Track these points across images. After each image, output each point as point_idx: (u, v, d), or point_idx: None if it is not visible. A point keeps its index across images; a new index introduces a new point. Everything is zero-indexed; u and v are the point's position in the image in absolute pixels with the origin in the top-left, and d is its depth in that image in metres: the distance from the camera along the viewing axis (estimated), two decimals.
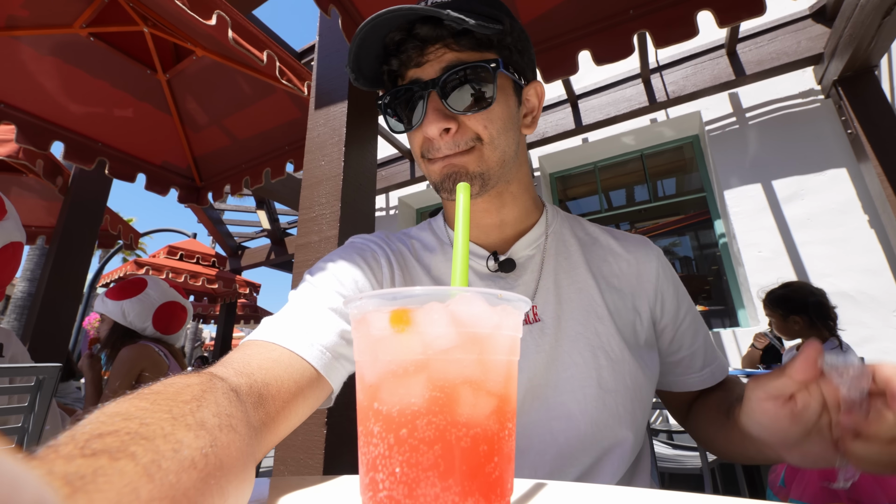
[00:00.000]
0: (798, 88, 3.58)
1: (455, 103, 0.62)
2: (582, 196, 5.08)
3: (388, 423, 0.29)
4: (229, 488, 0.31)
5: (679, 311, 0.76)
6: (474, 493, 0.27)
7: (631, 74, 3.64)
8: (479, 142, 0.63)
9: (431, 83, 0.61)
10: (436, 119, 0.61)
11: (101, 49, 2.45)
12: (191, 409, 0.32)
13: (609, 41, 1.78)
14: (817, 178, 3.42)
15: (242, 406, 0.40)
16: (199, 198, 3.28)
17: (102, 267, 9.51)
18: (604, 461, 0.64)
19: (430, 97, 0.62)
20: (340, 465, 1.23)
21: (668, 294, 0.75)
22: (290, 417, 0.51)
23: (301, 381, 0.53)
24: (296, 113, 2.66)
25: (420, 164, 0.69)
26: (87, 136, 2.72)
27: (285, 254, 6.25)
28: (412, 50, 0.62)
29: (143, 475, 0.23)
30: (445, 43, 0.62)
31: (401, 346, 0.30)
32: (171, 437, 0.27)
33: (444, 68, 0.62)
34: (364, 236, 0.77)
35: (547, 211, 0.79)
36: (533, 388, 0.65)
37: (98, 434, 0.25)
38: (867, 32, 2.52)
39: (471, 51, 0.63)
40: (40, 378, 1.24)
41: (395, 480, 0.28)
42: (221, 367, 0.48)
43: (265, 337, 0.56)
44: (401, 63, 0.64)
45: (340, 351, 0.59)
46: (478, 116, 0.62)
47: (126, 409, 0.29)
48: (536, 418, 0.64)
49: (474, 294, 0.30)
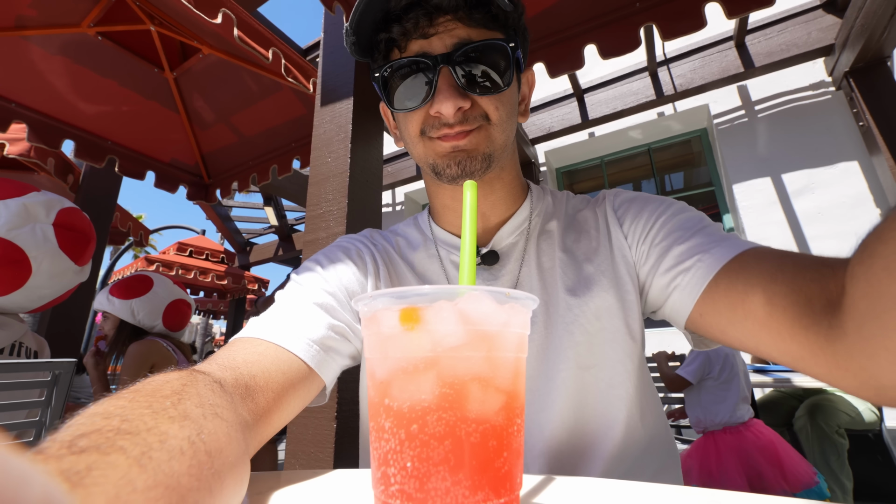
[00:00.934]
0: (808, 80, 3.53)
1: (470, 82, 0.59)
2: (589, 191, 5.05)
3: (398, 419, 0.29)
4: (224, 473, 0.31)
5: (650, 221, 0.63)
6: (484, 488, 0.28)
7: (638, 68, 3.61)
8: (487, 121, 0.61)
9: (445, 58, 0.57)
10: (451, 96, 0.57)
11: (108, 48, 2.47)
12: (172, 403, 0.32)
13: (615, 34, 1.77)
14: (828, 172, 3.38)
15: (228, 396, 0.41)
16: (207, 195, 3.31)
17: (114, 263, 9.64)
18: (594, 449, 0.58)
19: (443, 73, 0.58)
20: (350, 458, 1.25)
21: (629, 218, 0.66)
22: (282, 410, 0.51)
23: (290, 373, 0.53)
24: (302, 110, 2.67)
25: (413, 143, 0.64)
26: (96, 135, 2.75)
27: (293, 250, 6.29)
28: (422, 18, 0.57)
29: (136, 466, 0.23)
30: (457, 15, 0.58)
31: (411, 344, 0.30)
32: (155, 430, 0.27)
33: (458, 44, 0.58)
34: (350, 236, 0.76)
35: (532, 194, 0.74)
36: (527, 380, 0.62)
37: (81, 434, 0.24)
38: (879, 22, 2.48)
39: (482, 27, 0.59)
40: (56, 373, 1.26)
41: (406, 475, 0.28)
42: (205, 363, 0.48)
43: (250, 334, 0.56)
44: (403, 32, 0.59)
45: (330, 344, 0.59)
46: (490, 97, 0.60)
47: (105, 409, 0.29)
48: (528, 412, 0.60)
49: (482, 292, 0.31)
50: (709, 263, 0.53)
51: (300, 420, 1.31)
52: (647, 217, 0.64)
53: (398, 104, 0.63)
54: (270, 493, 0.42)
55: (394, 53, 0.62)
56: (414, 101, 0.61)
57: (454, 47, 0.58)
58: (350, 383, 1.31)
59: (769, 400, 2.76)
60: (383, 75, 0.61)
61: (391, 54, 0.62)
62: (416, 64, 0.59)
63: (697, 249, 0.56)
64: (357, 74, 1.68)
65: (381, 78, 0.62)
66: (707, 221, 0.61)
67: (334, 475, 0.48)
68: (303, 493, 0.42)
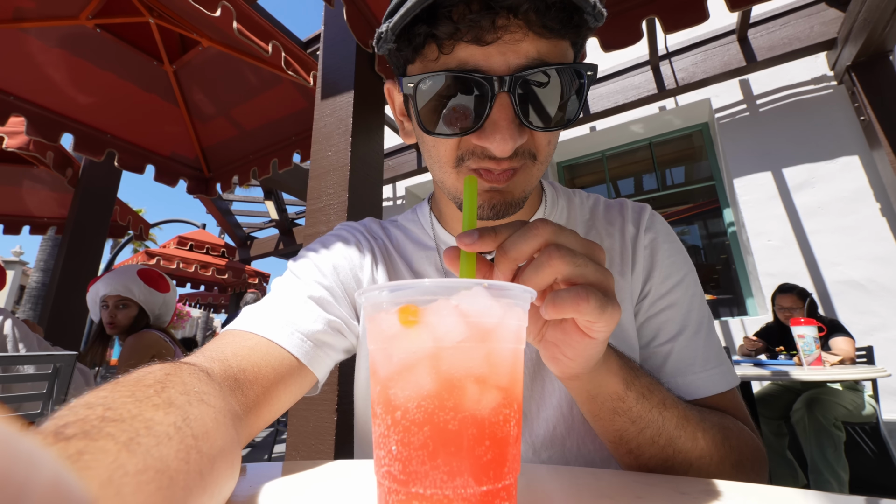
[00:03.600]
0: (810, 74, 3.51)
1: (532, 116, 0.47)
2: (590, 185, 5.04)
3: (398, 409, 0.30)
4: (214, 456, 0.31)
5: (668, 296, 0.61)
6: (488, 476, 0.28)
7: (640, 61, 3.59)
8: (533, 160, 0.51)
9: (506, 82, 0.44)
10: (510, 133, 0.45)
11: (107, 41, 2.46)
12: (155, 391, 0.32)
13: (617, 27, 1.76)
14: (829, 166, 3.37)
15: (215, 385, 0.40)
16: (207, 189, 3.31)
17: (114, 257, 9.64)
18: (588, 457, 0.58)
19: (501, 100, 0.45)
20: (351, 449, 1.26)
21: (656, 276, 0.63)
22: (272, 404, 0.51)
23: (280, 368, 0.53)
24: (302, 103, 2.67)
25: (441, 168, 0.53)
26: (96, 128, 2.75)
27: (294, 244, 6.30)
28: (483, 16, 0.43)
29: (125, 450, 0.24)
30: (527, 18, 0.43)
31: (410, 339, 0.31)
32: (139, 417, 0.27)
33: (524, 66, 0.44)
34: (350, 225, 0.74)
35: (546, 200, 0.68)
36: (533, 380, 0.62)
37: (66, 423, 0.24)
38: (882, 16, 2.47)
39: (554, 36, 0.45)
40: (57, 366, 1.27)
41: (405, 462, 0.29)
42: (192, 356, 0.48)
43: (242, 326, 0.56)
44: (454, 31, 0.44)
45: (323, 340, 0.58)
46: (548, 133, 0.50)
47: (87, 401, 0.29)
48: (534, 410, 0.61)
49: (479, 288, 0.31)
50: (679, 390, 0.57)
51: (301, 412, 1.32)
52: (668, 286, 0.62)
53: (431, 124, 0.49)
54: (273, 483, 0.42)
55: (430, 51, 0.47)
56: (455, 127, 0.48)
57: (519, 69, 0.45)
58: (349, 375, 1.32)
59: (767, 393, 2.78)
60: (421, 88, 0.47)
61: (426, 50, 0.47)
62: (466, 82, 0.46)
63: (678, 368, 0.58)
64: (358, 68, 1.67)
65: (415, 90, 0.48)
66: (703, 314, 0.61)
67: (336, 465, 0.48)
68: (304, 483, 0.42)
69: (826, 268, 3.25)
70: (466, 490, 0.28)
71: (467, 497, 0.28)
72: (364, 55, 1.73)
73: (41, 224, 4.00)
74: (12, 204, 3.81)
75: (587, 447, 0.58)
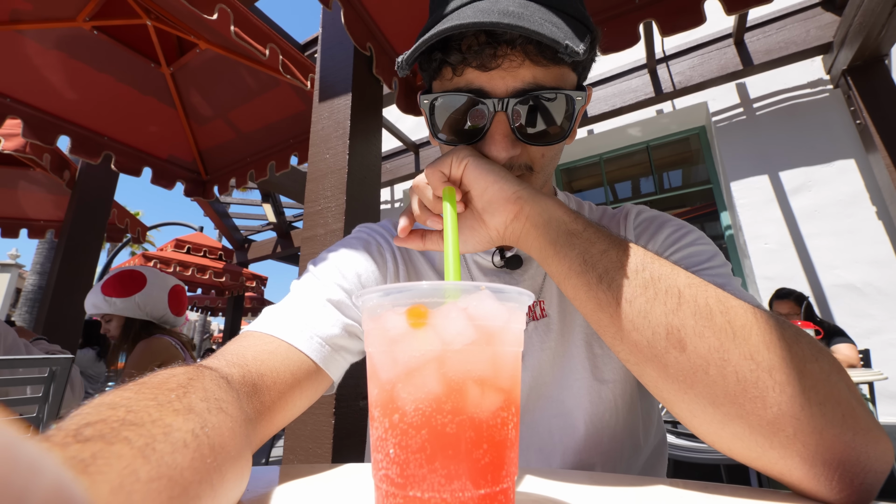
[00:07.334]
0: (807, 78, 3.53)
1: (525, 132, 0.54)
2: (587, 188, 5.05)
3: (399, 412, 0.30)
4: (226, 468, 0.31)
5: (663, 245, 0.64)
6: (486, 479, 0.28)
7: (637, 65, 3.60)
8: (530, 171, 0.57)
9: (503, 103, 0.52)
10: (504, 146, 0.53)
11: (104, 43, 2.45)
12: (177, 396, 0.32)
13: (614, 30, 1.76)
14: (825, 170, 3.38)
15: (234, 392, 0.41)
16: (204, 191, 3.30)
17: (111, 260, 9.59)
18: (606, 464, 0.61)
19: (498, 118, 0.53)
20: (348, 453, 1.25)
21: (644, 238, 0.66)
22: (286, 408, 0.52)
23: (298, 373, 0.54)
24: (300, 106, 2.66)
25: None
26: (92, 131, 2.74)
27: (291, 247, 6.28)
28: (485, 47, 0.51)
29: (140, 457, 0.24)
30: (525, 49, 0.51)
31: (418, 340, 0.30)
32: (159, 422, 0.28)
33: (520, 90, 0.52)
34: (370, 227, 0.75)
35: None
36: (538, 387, 0.64)
37: (86, 423, 0.25)
38: (878, 20, 2.48)
39: (550, 63, 0.52)
40: (53, 369, 1.26)
41: (403, 465, 0.28)
42: (214, 358, 0.48)
43: (263, 328, 0.56)
44: (462, 59, 0.52)
45: (340, 343, 0.59)
46: (541, 147, 0.56)
47: (111, 400, 0.29)
48: (539, 417, 0.63)
49: (485, 292, 0.31)
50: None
51: (298, 416, 1.31)
52: (661, 240, 0.64)
53: (441, 131, 0.59)
54: (270, 486, 0.42)
55: (447, 72, 0.56)
56: (460, 137, 0.57)
57: (515, 92, 0.52)
58: (348, 379, 1.31)
59: None
60: (433, 103, 0.57)
61: (443, 72, 0.56)
62: (470, 100, 0.54)
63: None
64: (355, 71, 1.67)
65: (430, 106, 0.57)
66: (716, 261, 0.59)
67: (333, 469, 0.48)
68: (301, 487, 0.42)
69: (823, 271, 3.26)
70: (464, 493, 0.28)
71: (465, 500, 0.28)
72: (362, 58, 1.73)
73: (38, 227, 3.98)
74: (9, 207, 3.78)
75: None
